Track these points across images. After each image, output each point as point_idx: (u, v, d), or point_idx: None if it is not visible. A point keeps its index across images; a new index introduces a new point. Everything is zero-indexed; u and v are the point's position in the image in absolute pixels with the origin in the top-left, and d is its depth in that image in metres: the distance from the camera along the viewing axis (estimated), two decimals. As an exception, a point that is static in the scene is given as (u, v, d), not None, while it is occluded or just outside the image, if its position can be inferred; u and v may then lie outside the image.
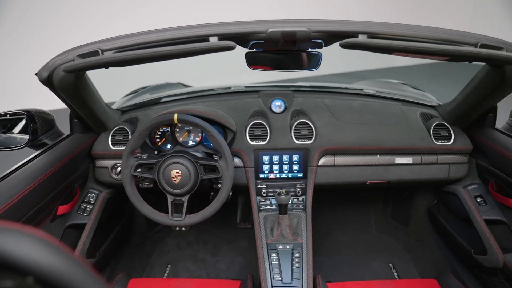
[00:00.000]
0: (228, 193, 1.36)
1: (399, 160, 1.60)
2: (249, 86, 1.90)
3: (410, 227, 2.04)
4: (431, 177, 1.61)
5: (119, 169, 1.59)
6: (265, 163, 1.58)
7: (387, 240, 2.09)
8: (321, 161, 1.58)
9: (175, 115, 1.35)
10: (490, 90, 1.29)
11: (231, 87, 1.90)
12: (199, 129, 1.44)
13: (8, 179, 1.16)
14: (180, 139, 1.59)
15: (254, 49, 1.20)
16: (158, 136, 1.60)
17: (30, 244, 0.35)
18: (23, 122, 1.47)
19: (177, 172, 1.35)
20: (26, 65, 3.09)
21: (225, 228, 2.18)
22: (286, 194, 1.43)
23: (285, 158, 1.58)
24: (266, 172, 1.59)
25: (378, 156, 1.60)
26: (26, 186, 1.18)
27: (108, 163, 1.60)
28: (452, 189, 1.64)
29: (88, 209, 1.54)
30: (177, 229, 2.23)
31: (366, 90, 1.88)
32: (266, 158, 1.58)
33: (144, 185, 1.53)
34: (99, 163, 1.61)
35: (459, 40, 1.07)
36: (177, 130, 1.59)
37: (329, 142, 1.56)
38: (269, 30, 1.06)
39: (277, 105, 1.68)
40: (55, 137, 1.52)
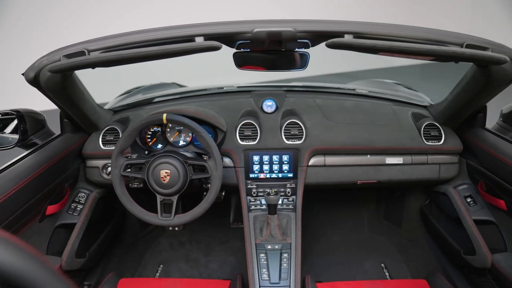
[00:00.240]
0: (217, 193, 1.36)
1: (390, 160, 1.60)
2: (241, 86, 1.90)
3: (402, 227, 2.04)
4: (421, 177, 1.61)
5: (109, 169, 1.59)
6: (255, 163, 1.58)
7: (380, 240, 2.09)
8: (311, 161, 1.59)
9: (164, 115, 1.35)
10: (477, 90, 1.29)
11: (224, 87, 1.90)
12: (188, 129, 1.44)
13: None
14: (171, 139, 1.59)
15: (241, 49, 1.21)
16: (149, 136, 1.60)
17: None
18: (14, 122, 1.48)
19: (166, 172, 1.35)
20: (25, 65, 3.11)
21: (218, 228, 2.18)
22: (275, 194, 1.43)
23: (275, 158, 1.58)
24: (256, 172, 1.59)
25: (369, 156, 1.60)
26: (14, 186, 1.18)
27: (98, 163, 1.60)
28: (443, 189, 1.64)
29: (78, 209, 1.54)
30: (170, 228, 2.23)
31: (359, 90, 1.89)
32: (256, 158, 1.58)
33: (134, 185, 1.53)
34: (90, 163, 1.61)
35: (445, 40, 1.07)
36: (168, 130, 1.59)
37: (319, 142, 1.56)
38: (255, 30, 1.07)
39: (269, 105, 1.68)
40: (46, 137, 1.52)
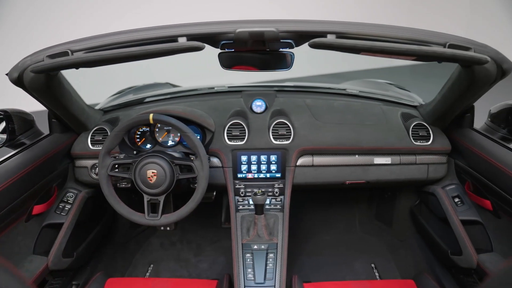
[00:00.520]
0: (203, 193, 1.36)
1: (378, 160, 1.60)
2: (232, 86, 1.91)
3: (393, 227, 2.04)
4: (410, 177, 1.61)
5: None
6: (243, 163, 1.58)
7: (371, 240, 2.09)
8: (299, 161, 1.59)
9: (151, 115, 1.35)
10: (462, 91, 1.29)
11: (215, 87, 1.90)
12: (175, 129, 1.45)
13: None
14: (160, 139, 1.59)
15: (226, 49, 1.21)
16: (138, 136, 1.60)
17: None
18: (3, 123, 1.49)
19: (152, 172, 1.35)
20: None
21: (210, 228, 2.18)
22: (262, 194, 1.43)
23: (263, 158, 1.58)
24: (244, 172, 1.59)
25: (357, 156, 1.60)
26: None
27: (87, 162, 1.61)
28: (432, 190, 1.64)
29: (66, 208, 1.55)
30: (162, 228, 2.24)
31: (349, 90, 1.89)
32: (244, 158, 1.58)
33: (122, 184, 1.54)
34: (79, 163, 1.62)
35: (428, 40, 1.06)
36: (157, 130, 1.60)
37: (307, 142, 1.56)
38: (237, 31, 1.07)
39: (258, 105, 1.69)
40: (34, 137, 1.53)
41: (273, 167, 1.58)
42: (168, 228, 2.19)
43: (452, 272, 1.58)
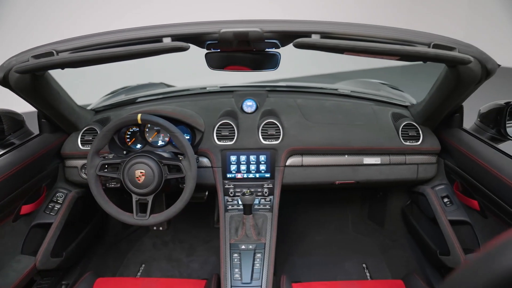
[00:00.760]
0: (191, 193, 1.37)
1: (367, 160, 1.60)
2: (224, 86, 1.91)
3: (385, 227, 2.03)
4: (400, 177, 1.61)
5: None
6: (233, 163, 1.59)
7: (363, 241, 2.09)
8: (288, 161, 1.59)
9: (139, 116, 1.36)
10: (449, 91, 1.29)
11: (207, 87, 1.91)
12: (163, 129, 1.45)
13: None
14: (150, 139, 1.60)
15: (212, 49, 1.21)
16: (128, 136, 1.61)
17: None
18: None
19: (141, 172, 1.36)
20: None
21: (202, 228, 2.18)
22: (250, 194, 1.43)
23: (252, 158, 1.58)
24: (233, 172, 1.59)
25: (346, 156, 1.60)
26: None
27: (77, 162, 1.61)
28: (421, 190, 1.63)
29: (56, 208, 1.55)
30: (155, 228, 2.24)
31: (341, 90, 1.88)
32: (233, 158, 1.58)
33: (111, 184, 1.54)
34: (69, 162, 1.62)
35: (413, 40, 1.06)
36: (147, 130, 1.60)
37: (297, 142, 1.57)
38: (222, 31, 1.07)
39: (249, 105, 1.69)
40: (24, 137, 1.53)
41: (262, 167, 1.59)
42: (160, 228, 2.19)
43: (441, 272, 1.58)
